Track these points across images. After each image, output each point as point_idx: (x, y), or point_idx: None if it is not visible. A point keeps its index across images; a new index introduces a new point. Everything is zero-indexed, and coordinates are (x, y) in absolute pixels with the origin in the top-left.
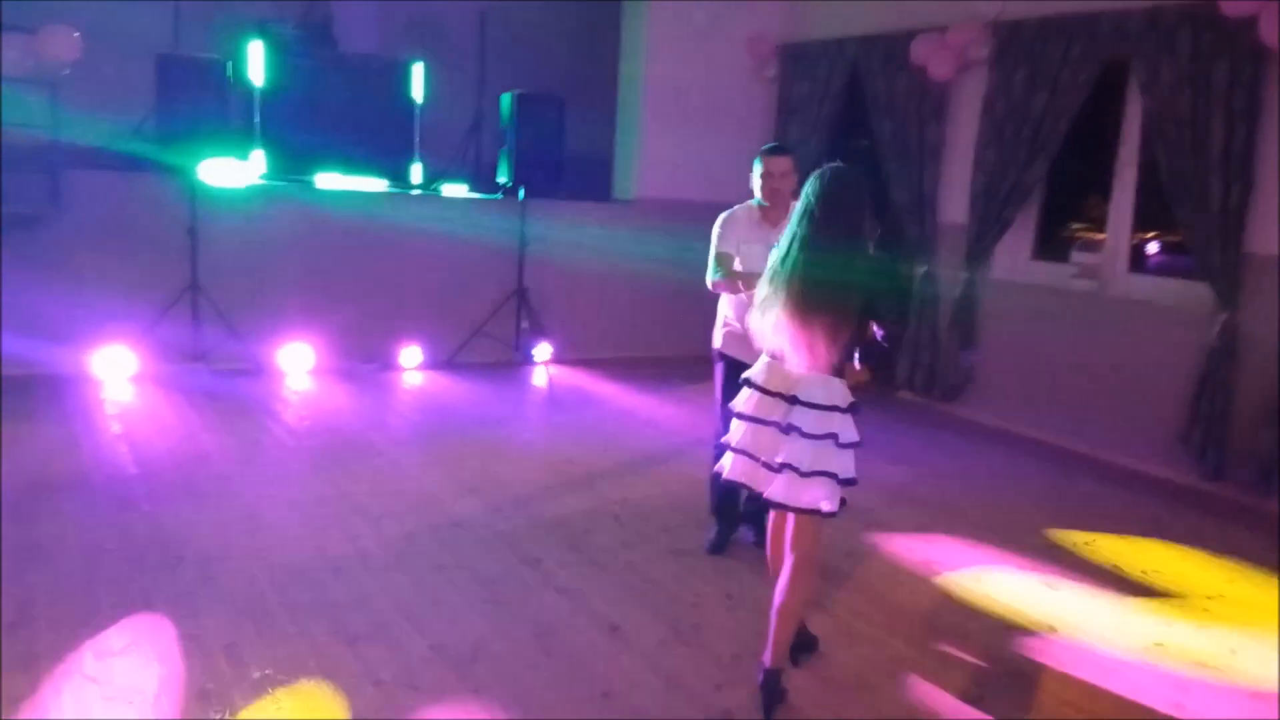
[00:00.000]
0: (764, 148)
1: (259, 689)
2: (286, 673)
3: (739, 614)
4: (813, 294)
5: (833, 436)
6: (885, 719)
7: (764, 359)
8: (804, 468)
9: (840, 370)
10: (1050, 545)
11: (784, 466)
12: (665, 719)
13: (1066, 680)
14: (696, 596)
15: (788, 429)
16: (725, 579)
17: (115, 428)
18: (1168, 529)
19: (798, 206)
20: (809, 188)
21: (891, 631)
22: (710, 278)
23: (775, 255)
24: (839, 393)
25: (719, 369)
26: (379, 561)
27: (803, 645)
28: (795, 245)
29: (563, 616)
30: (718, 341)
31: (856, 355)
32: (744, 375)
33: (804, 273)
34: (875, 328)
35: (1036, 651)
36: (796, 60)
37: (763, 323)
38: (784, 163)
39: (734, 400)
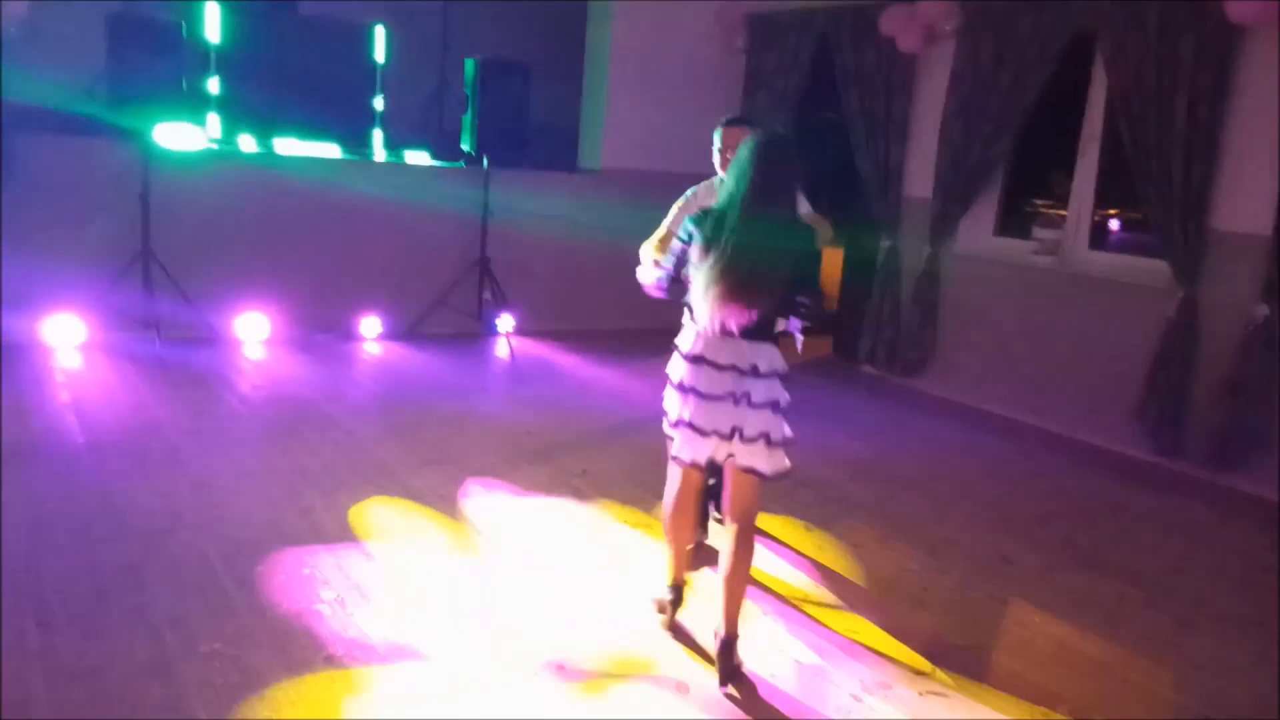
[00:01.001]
0: (723, 119)
1: (207, 663)
2: (235, 647)
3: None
4: (751, 260)
5: (775, 403)
6: (844, 687)
7: (703, 333)
8: (759, 433)
9: (775, 337)
10: (1004, 518)
11: (737, 432)
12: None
13: (1022, 650)
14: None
15: (740, 399)
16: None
17: (64, 396)
18: (1123, 504)
19: (731, 171)
20: (744, 152)
21: (852, 602)
22: (645, 271)
23: (708, 222)
24: (779, 360)
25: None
26: (332, 535)
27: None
28: (733, 212)
29: (517, 605)
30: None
31: (792, 323)
32: (689, 351)
33: (740, 240)
34: (801, 296)
35: (995, 623)
36: (765, 31)
37: (704, 296)
38: (745, 134)
39: (677, 375)
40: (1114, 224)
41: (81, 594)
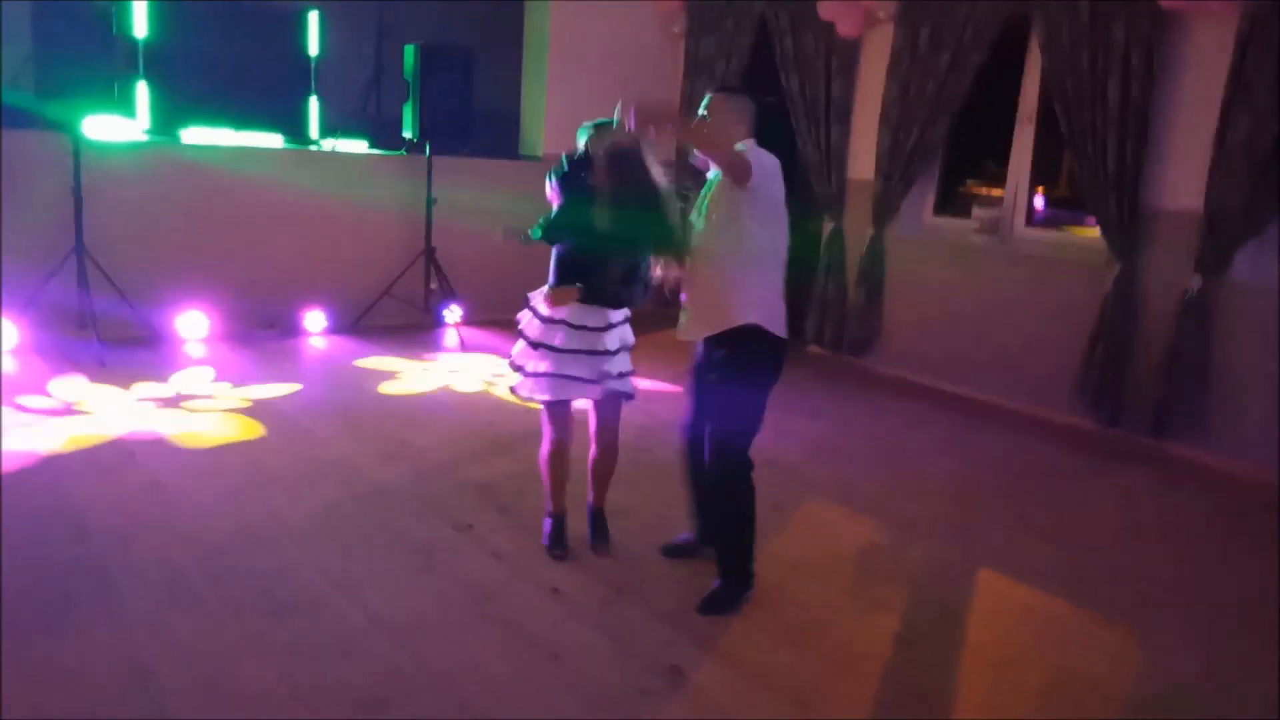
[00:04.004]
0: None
1: (187, 662)
2: (215, 646)
3: (678, 570)
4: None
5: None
6: (818, 666)
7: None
8: (626, 370)
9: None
10: (962, 491)
11: (612, 376)
12: (618, 679)
13: (994, 618)
14: (633, 555)
15: (614, 350)
16: (660, 535)
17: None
18: (1072, 474)
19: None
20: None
21: (823, 581)
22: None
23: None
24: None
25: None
26: (302, 532)
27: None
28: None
29: (501, 581)
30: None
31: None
32: (563, 318)
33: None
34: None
35: (967, 593)
36: (703, 15)
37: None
38: (724, 101)
39: (543, 335)
40: (1039, 202)
41: (47, 598)
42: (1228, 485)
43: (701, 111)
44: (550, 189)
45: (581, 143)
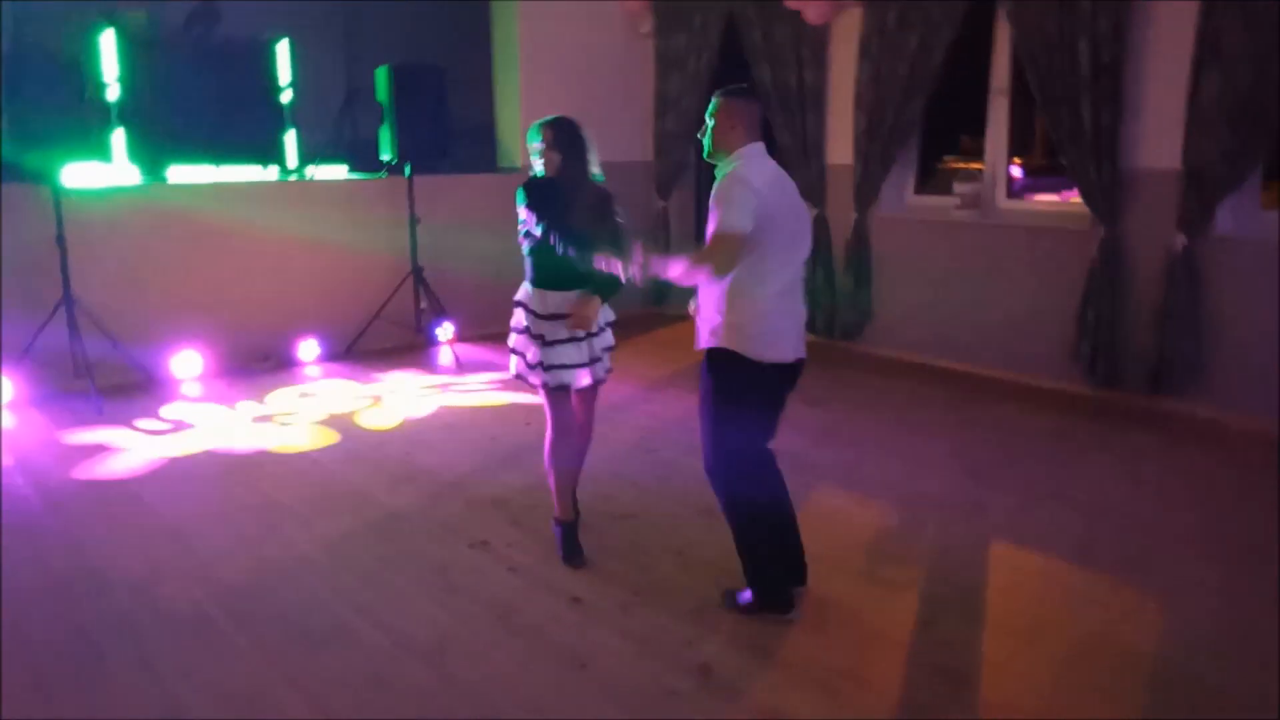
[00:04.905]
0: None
1: (224, 706)
2: (249, 686)
3: (693, 570)
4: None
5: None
6: (844, 652)
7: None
8: (609, 345)
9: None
10: (967, 465)
11: (600, 356)
12: (645, 681)
13: (1011, 589)
14: (650, 558)
15: (596, 334)
16: (674, 537)
17: (7, 460)
18: (1074, 439)
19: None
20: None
21: (838, 567)
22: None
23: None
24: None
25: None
26: (321, 564)
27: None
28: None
29: (521, 594)
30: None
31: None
32: (554, 309)
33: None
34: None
35: (982, 566)
36: (671, 14)
37: None
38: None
39: (539, 329)
40: (1016, 172)
41: (78, 655)
42: (1229, 438)
43: (708, 117)
44: (523, 211)
45: (533, 145)
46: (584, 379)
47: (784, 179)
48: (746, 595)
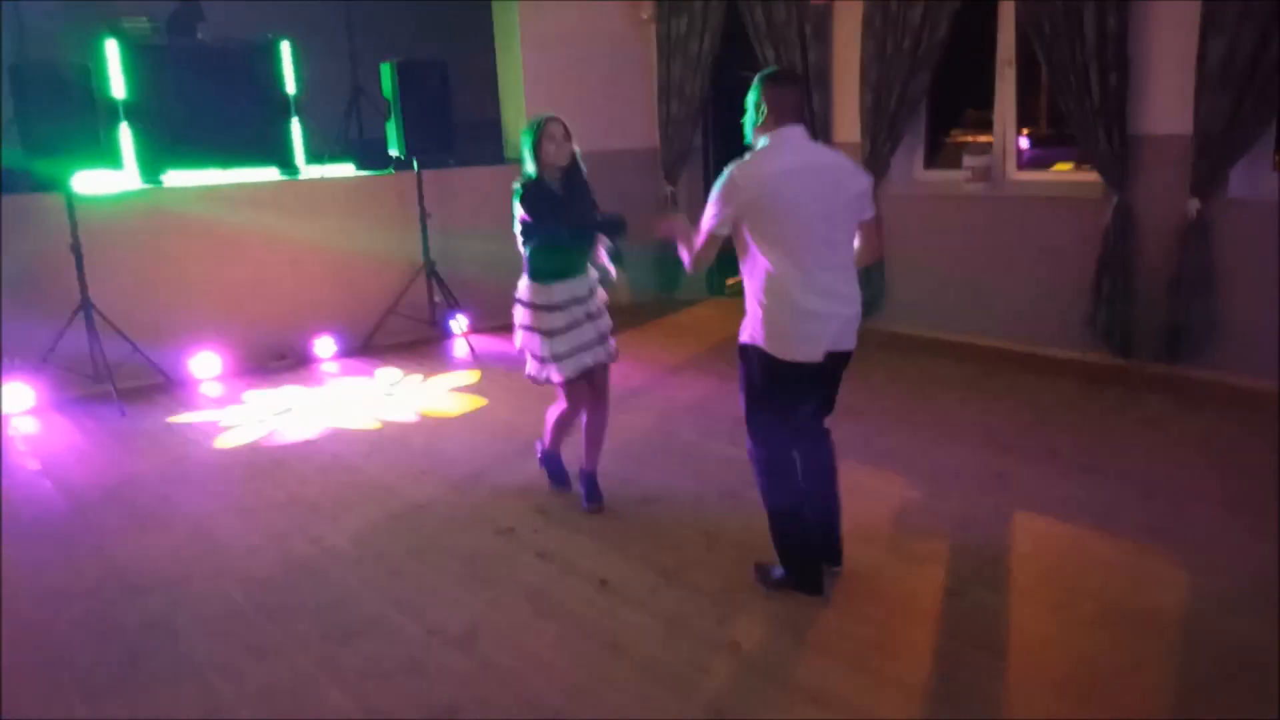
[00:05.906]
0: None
1: (265, 700)
2: (288, 681)
3: (719, 549)
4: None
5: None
6: (873, 627)
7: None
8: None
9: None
10: (988, 436)
11: (608, 334)
12: (679, 660)
13: (1037, 557)
14: (675, 540)
15: (595, 315)
16: (699, 518)
17: (33, 465)
18: (1093, 407)
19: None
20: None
21: (864, 541)
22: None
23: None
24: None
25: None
26: (350, 556)
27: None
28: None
29: (551, 579)
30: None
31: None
32: (560, 301)
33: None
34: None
35: (1006, 536)
36: None
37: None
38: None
39: (545, 322)
40: (1024, 143)
41: (116, 657)
42: (1247, 401)
43: (749, 99)
44: (519, 209)
45: (525, 145)
46: (599, 355)
47: (813, 162)
48: (778, 570)
